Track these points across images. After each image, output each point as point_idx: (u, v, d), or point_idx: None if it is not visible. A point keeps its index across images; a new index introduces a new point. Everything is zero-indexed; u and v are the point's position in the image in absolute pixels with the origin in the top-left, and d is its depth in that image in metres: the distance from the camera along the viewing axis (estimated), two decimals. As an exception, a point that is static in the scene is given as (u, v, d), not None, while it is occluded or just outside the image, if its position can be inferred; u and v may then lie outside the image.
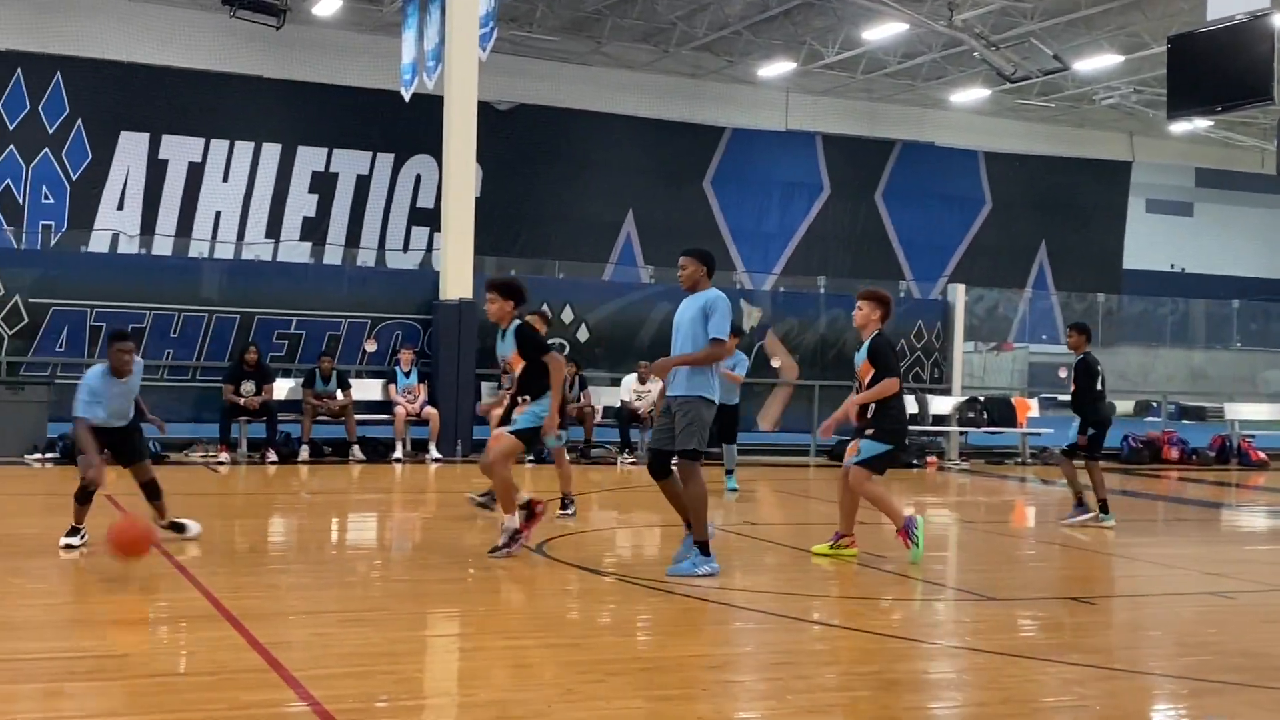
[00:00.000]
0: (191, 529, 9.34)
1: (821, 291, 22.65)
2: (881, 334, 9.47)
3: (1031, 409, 20.83)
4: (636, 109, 27.89)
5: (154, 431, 9.84)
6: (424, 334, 17.98)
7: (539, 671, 6.06)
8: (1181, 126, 29.41)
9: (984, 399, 20.58)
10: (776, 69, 27.48)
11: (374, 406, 17.36)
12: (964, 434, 20.22)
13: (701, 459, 8.52)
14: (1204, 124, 29.69)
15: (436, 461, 16.72)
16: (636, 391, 17.55)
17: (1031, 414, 20.76)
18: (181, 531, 9.27)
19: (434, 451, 16.87)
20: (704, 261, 8.66)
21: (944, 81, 28.93)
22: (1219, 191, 36.37)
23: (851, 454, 9.43)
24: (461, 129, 17.54)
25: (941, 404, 20.01)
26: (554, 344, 11.60)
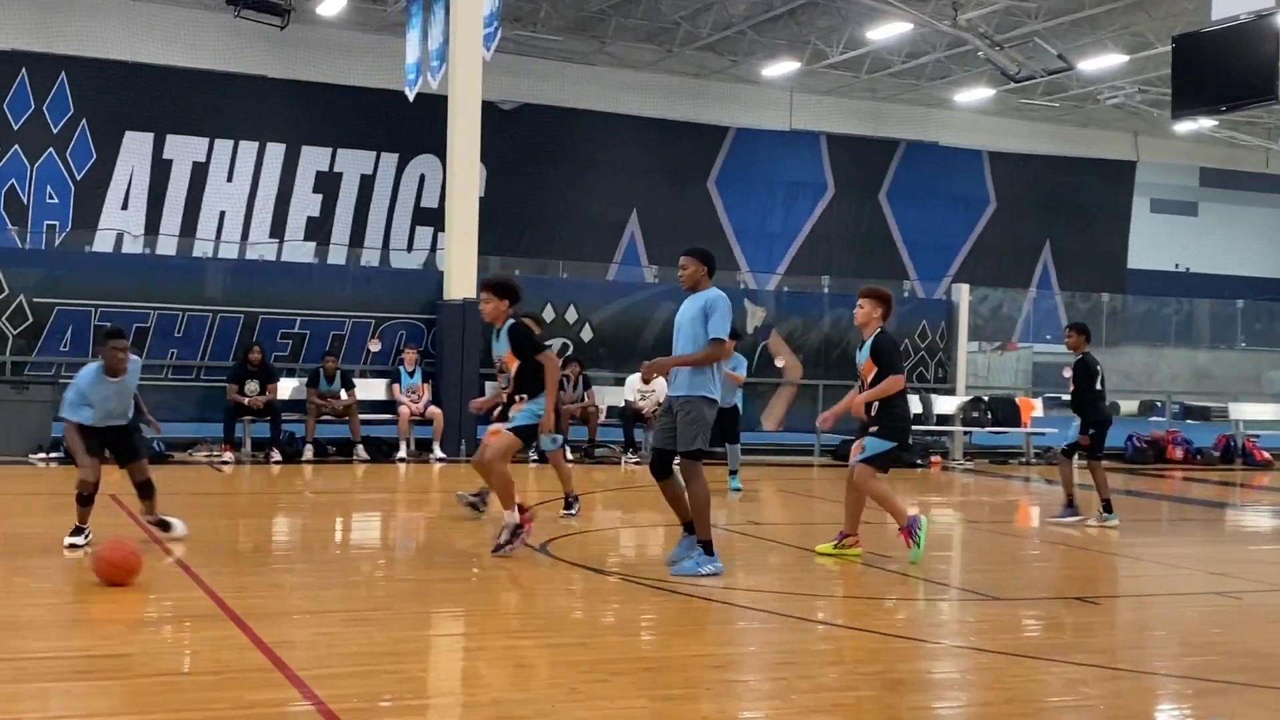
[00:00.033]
0: (177, 527, 9.19)
1: (825, 291, 22.66)
2: (884, 332, 9.46)
3: (1036, 409, 20.78)
4: (641, 109, 27.91)
5: (149, 432, 9.81)
6: (428, 334, 17.97)
7: (542, 671, 6.06)
8: (1186, 126, 29.39)
9: (988, 399, 20.54)
10: (781, 69, 27.48)
11: (378, 406, 17.36)
12: (968, 434, 20.21)
13: (704, 458, 8.52)
14: (1208, 124, 29.64)
15: (440, 461, 16.71)
16: (640, 391, 17.54)
17: (1036, 414, 20.71)
18: (167, 530, 9.17)
19: (438, 451, 16.87)
20: (704, 261, 8.64)
21: (948, 81, 28.92)
22: (1224, 191, 36.30)
23: (856, 453, 9.43)
24: (465, 129, 17.53)
25: (946, 404, 19.99)
26: (549, 345, 11.57)
